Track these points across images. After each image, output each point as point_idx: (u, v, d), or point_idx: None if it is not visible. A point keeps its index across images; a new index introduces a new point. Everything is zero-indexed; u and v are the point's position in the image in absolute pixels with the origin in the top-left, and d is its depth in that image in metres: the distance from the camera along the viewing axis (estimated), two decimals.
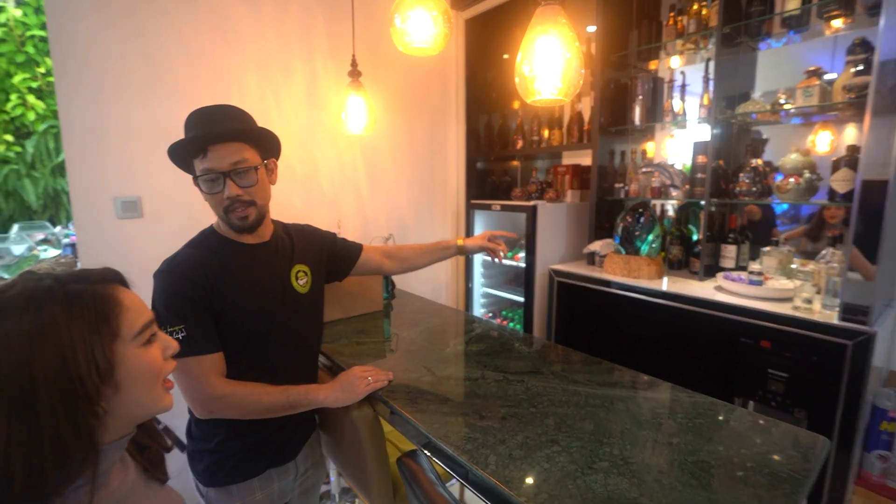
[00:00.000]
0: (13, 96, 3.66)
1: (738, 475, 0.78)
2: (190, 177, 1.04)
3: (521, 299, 2.52)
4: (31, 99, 3.66)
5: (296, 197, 2.26)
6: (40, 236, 2.22)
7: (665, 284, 1.92)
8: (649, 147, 2.50)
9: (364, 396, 1.11)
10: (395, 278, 2.48)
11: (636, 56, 2.30)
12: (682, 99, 2.15)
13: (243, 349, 1.04)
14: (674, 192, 2.17)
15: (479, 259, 2.90)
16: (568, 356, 1.34)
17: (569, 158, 2.83)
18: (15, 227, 2.28)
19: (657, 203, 2.34)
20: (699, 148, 2.01)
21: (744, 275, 1.81)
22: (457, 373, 1.23)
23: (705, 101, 2.03)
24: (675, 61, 2.28)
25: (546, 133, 2.68)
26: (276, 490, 1.12)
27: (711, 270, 2.01)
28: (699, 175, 2.01)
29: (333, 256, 1.33)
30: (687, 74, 2.14)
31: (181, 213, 1.90)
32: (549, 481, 0.77)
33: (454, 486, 1.71)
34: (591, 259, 2.31)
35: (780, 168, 1.88)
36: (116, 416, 0.56)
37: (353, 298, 1.79)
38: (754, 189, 1.89)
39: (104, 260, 0.67)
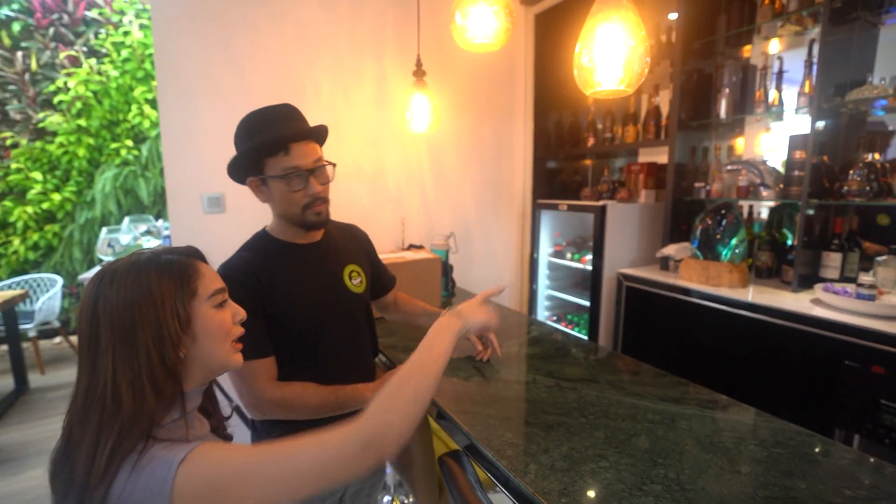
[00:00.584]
0: (134, 107, 4.19)
1: None
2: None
3: (588, 304, 2.40)
4: (146, 109, 4.16)
5: (363, 195, 2.34)
6: (144, 228, 2.56)
7: (750, 295, 1.72)
8: (739, 143, 2.27)
9: None
10: (456, 278, 2.48)
11: (724, 42, 2.09)
12: (779, 88, 1.91)
13: (297, 349, 1.07)
14: (764, 192, 1.95)
15: (544, 260, 2.81)
16: (628, 366, 1.25)
17: (645, 156, 2.65)
18: (126, 220, 2.66)
19: (744, 204, 2.11)
20: (796, 142, 1.78)
21: (850, 287, 1.57)
22: (507, 375, 1.20)
23: (806, 89, 1.79)
24: (773, 46, 2.04)
25: (620, 130, 2.53)
26: None
27: (808, 281, 1.77)
28: (796, 173, 1.78)
29: (372, 260, 1.31)
30: (784, 60, 1.90)
31: (257, 209, 2.05)
32: (591, 499, 0.72)
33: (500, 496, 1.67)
34: (665, 264, 2.14)
35: None
36: (195, 364, 0.67)
37: (412, 294, 1.82)
38: (868, 189, 1.63)
39: None
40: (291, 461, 0.61)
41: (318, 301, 1.09)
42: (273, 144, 0.98)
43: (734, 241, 1.85)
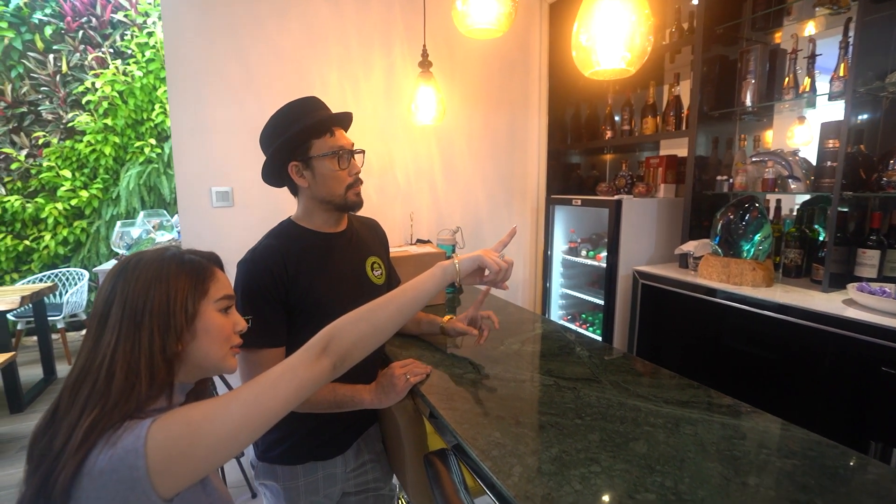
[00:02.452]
0: (157, 106, 4.29)
1: None
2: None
3: (603, 303, 2.31)
4: (168, 108, 4.25)
5: (371, 190, 2.32)
6: (157, 222, 2.63)
7: (776, 294, 1.61)
8: (767, 136, 2.14)
9: (406, 393, 1.07)
10: None
11: (749, 26, 1.97)
12: (811, 73, 1.79)
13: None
14: (793, 185, 1.82)
15: (557, 258, 2.73)
16: (636, 367, 1.18)
17: (665, 149, 2.54)
18: (141, 215, 2.75)
19: (770, 198, 1.99)
20: (829, 130, 1.65)
21: (889, 287, 1.45)
22: (503, 373, 1.14)
23: (841, 72, 1.66)
24: (805, 29, 1.90)
25: (638, 122, 2.43)
26: (321, 478, 1.12)
27: (840, 280, 1.64)
28: (829, 163, 1.65)
29: (387, 256, 1.33)
30: (817, 44, 1.78)
31: (264, 204, 2.05)
32: None
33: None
34: (684, 261, 2.03)
35: None
36: (190, 360, 0.70)
37: None
38: None
39: (201, 242, 0.80)
40: (257, 387, 0.64)
41: (342, 291, 1.10)
42: (320, 125, 1.03)
43: (758, 237, 1.74)
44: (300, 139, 1.03)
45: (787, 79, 1.81)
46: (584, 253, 2.53)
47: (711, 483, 0.71)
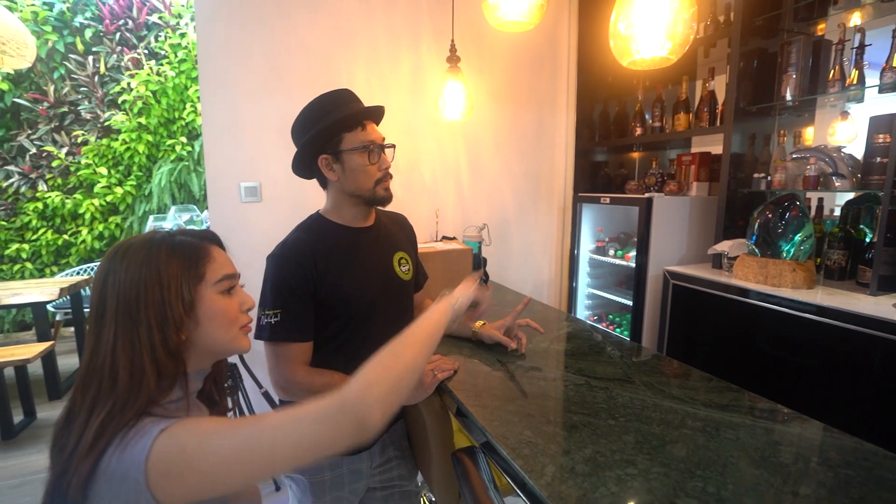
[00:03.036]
0: (188, 105, 4.40)
1: None
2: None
3: (631, 303, 2.25)
4: (199, 106, 4.36)
5: (397, 186, 2.30)
6: (188, 217, 2.70)
7: (819, 296, 1.53)
8: (808, 133, 2.04)
9: (433, 390, 1.05)
10: (491, 272, 2.41)
11: (791, 17, 1.89)
12: (859, 65, 1.69)
13: (341, 330, 1.07)
14: (838, 183, 1.73)
15: (584, 257, 2.68)
16: (670, 367, 1.14)
17: (698, 146, 2.46)
18: (172, 209, 2.83)
19: (812, 196, 1.90)
20: (879, 124, 1.57)
21: None
22: (533, 371, 1.12)
23: (894, 63, 1.57)
24: (851, 19, 1.81)
25: (670, 119, 2.36)
26: (346, 473, 1.12)
27: (890, 283, 1.55)
28: (878, 159, 1.57)
29: (414, 251, 1.31)
30: (866, 34, 1.68)
31: (292, 198, 2.08)
32: None
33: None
34: (718, 262, 1.96)
35: None
36: (197, 347, 0.66)
37: (441, 285, 1.77)
38: None
39: (229, 237, 0.76)
40: (258, 427, 0.56)
41: (369, 286, 1.09)
42: (351, 119, 1.03)
43: (799, 237, 1.66)
44: (331, 132, 1.02)
45: (832, 71, 1.73)
46: (611, 252, 2.48)
47: (758, 491, 0.67)
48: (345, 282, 1.05)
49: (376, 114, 1.11)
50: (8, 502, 2.05)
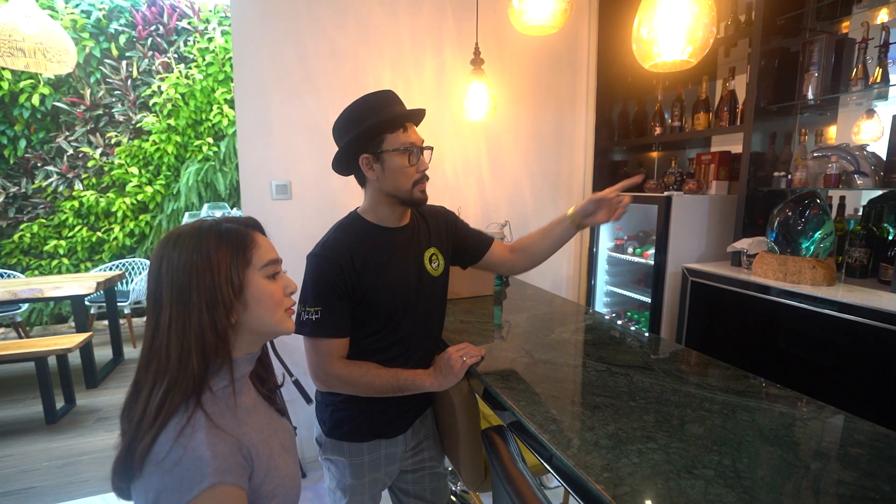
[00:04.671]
0: (215, 107, 4.56)
1: None
2: (324, 166, 1.13)
3: (649, 300, 2.29)
4: (225, 108, 4.51)
5: None
6: (218, 214, 2.83)
7: (840, 293, 1.55)
8: (830, 131, 2.05)
9: (463, 375, 1.11)
10: None
11: (814, 15, 1.90)
12: (883, 63, 1.70)
13: (380, 328, 1.12)
14: (860, 181, 1.75)
15: (603, 255, 2.71)
16: (688, 356, 1.18)
17: (718, 145, 2.47)
18: (205, 206, 2.98)
19: (833, 194, 1.91)
20: None
21: None
22: (556, 358, 1.17)
23: None
24: (880, 16, 1.82)
25: (689, 119, 2.38)
26: (383, 456, 1.19)
27: None
28: None
29: (455, 236, 1.31)
30: (891, 32, 1.69)
31: (320, 197, 2.16)
32: (635, 475, 0.69)
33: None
34: (737, 259, 1.98)
35: None
36: (245, 330, 0.70)
37: (464, 280, 1.83)
38: None
39: None
40: None
41: (403, 285, 1.13)
42: (395, 121, 1.06)
43: (819, 234, 1.68)
44: (374, 132, 1.05)
45: (855, 70, 1.74)
46: (630, 250, 2.51)
47: (771, 464, 0.72)
48: (381, 283, 1.10)
49: (417, 116, 1.14)
50: (54, 480, 2.18)
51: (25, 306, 4.17)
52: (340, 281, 1.05)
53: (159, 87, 4.51)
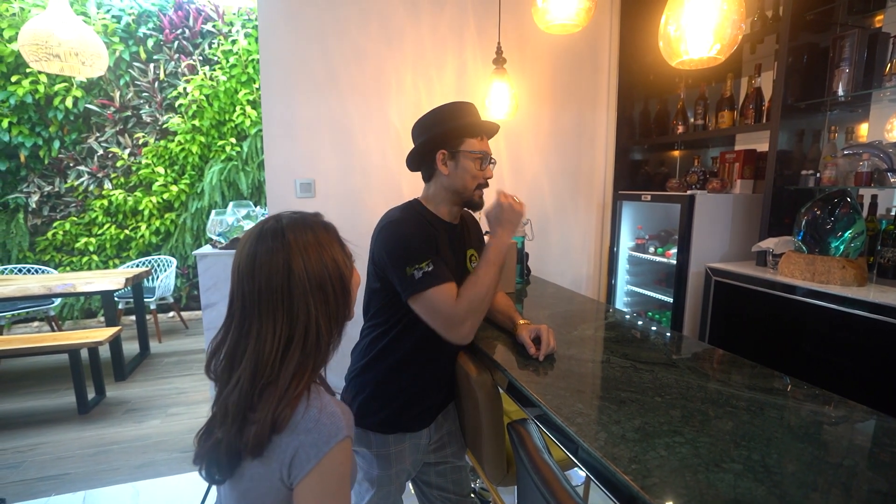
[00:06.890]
0: (238, 108, 4.66)
1: None
2: (346, 164, 1.17)
3: (671, 300, 2.26)
4: (248, 109, 4.60)
5: None
6: (244, 212, 2.89)
7: (871, 294, 1.52)
8: (862, 129, 2.00)
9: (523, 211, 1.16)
10: (532, 267, 2.46)
11: (845, 10, 1.86)
12: None
13: (415, 315, 1.12)
14: (893, 179, 1.71)
15: (624, 254, 2.69)
16: (712, 354, 1.17)
17: (742, 143, 2.44)
18: (231, 205, 3.06)
19: (865, 193, 1.86)
20: None
21: None
22: (580, 354, 1.18)
23: None
24: None
25: (713, 117, 2.35)
26: (408, 448, 1.21)
27: None
28: None
29: (482, 246, 1.35)
30: None
31: (343, 195, 2.20)
32: (663, 468, 0.69)
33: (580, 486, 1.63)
34: (762, 259, 1.95)
35: None
36: None
37: None
38: None
39: None
40: None
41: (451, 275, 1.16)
42: (476, 128, 1.18)
43: (849, 234, 1.64)
44: (457, 133, 1.15)
45: (889, 65, 1.70)
46: (651, 249, 2.49)
47: (801, 460, 0.71)
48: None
49: (493, 131, 1.24)
50: (87, 468, 2.26)
51: (58, 301, 4.32)
52: (429, 237, 1.12)
53: (185, 88, 4.63)
